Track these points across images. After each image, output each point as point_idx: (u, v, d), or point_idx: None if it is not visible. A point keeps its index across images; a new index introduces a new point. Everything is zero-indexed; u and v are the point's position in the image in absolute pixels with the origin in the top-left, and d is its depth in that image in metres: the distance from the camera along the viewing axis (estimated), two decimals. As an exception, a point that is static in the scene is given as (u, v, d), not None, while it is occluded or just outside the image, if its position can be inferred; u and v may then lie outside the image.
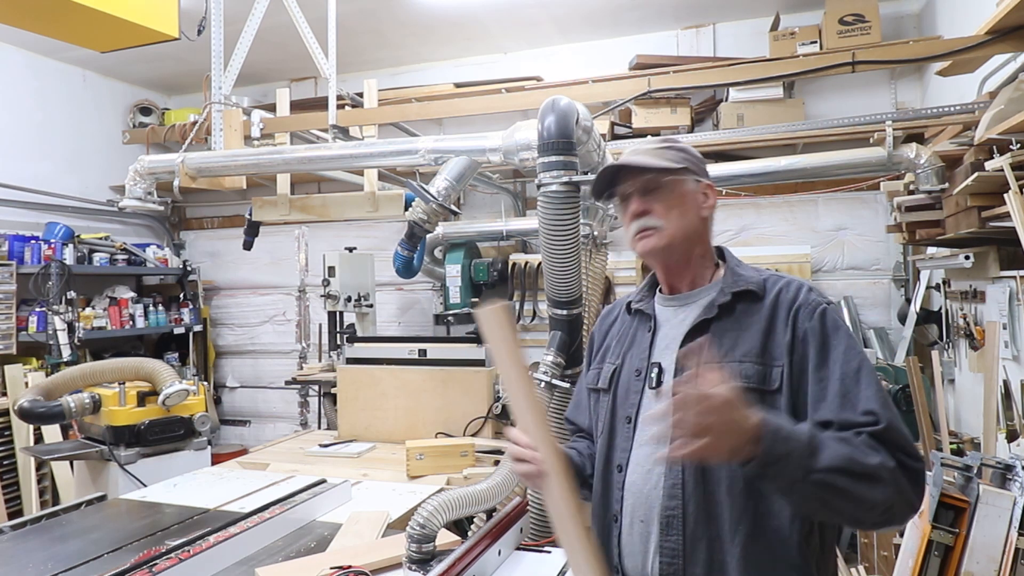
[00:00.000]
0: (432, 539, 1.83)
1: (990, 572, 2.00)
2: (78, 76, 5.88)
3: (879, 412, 1.14)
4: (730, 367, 1.23)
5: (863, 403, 1.15)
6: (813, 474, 1.05)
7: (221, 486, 2.72)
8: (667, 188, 1.33)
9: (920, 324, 4.24)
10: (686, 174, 1.34)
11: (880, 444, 1.12)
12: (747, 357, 1.25)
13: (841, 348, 1.21)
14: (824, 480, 1.06)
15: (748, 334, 1.27)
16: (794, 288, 1.30)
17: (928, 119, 3.72)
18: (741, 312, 1.30)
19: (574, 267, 2.61)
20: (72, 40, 2.26)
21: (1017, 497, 2.04)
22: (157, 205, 3.80)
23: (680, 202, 1.33)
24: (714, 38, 5.22)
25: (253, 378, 6.51)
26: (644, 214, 1.33)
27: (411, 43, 5.53)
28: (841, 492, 1.07)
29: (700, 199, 1.36)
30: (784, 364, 1.23)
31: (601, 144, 3.03)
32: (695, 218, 1.35)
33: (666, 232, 1.32)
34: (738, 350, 1.26)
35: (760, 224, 5.14)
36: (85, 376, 3.23)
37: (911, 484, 1.12)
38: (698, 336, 1.30)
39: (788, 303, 1.27)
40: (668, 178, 1.33)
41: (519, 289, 5.19)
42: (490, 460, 3.11)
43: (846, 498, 1.08)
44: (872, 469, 1.08)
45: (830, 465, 1.06)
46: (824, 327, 1.23)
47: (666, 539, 1.25)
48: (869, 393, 1.16)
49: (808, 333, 1.23)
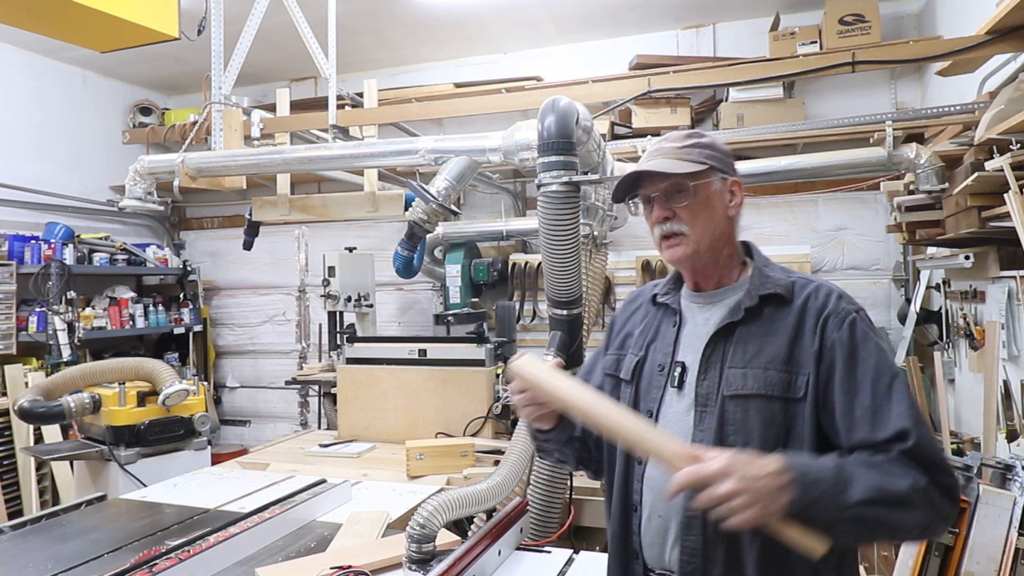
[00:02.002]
0: (432, 539, 1.83)
1: (990, 572, 2.00)
2: (78, 76, 5.88)
3: (911, 429, 1.12)
4: (754, 373, 1.22)
5: (895, 421, 1.13)
6: (847, 510, 1.05)
7: (221, 486, 2.73)
8: (692, 192, 1.29)
9: (920, 324, 4.24)
10: (711, 174, 1.30)
11: (911, 463, 1.10)
12: (772, 364, 1.22)
13: (872, 361, 1.19)
14: (859, 514, 1.06)
15: (774, 339, 1.24)
16: (823, 294, 1.26)
17: (928, 119, 3.72)
18: (768, 316, 1.27)
19: (574, 267, 2.61)
20: (72, 40, 2.26)
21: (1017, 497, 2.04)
22: (157, 205, 3.81)
23: (705, 205, 1.30)
24: (714, 38, 5.22)
25: (253, 378, 6.51)
26: (668, 219, 1.30)
27: (411, 43, 5.53)
28: (876, 522, 1.07)
29: (727, 198, 1.33)
30: (810, 373, 1.20)
31: (601, 144, 3.03)
32: (722, 219, 1.32)
33: (692, 238, 1.29)
34: (763, 356, 1.23)
35: (760, 224, 5.14)
36: (85, 376, 3.23)
37: (946, 500, 1.10)
38: (722, 339, 1.28)
39: (817, 310, 1.24)
40: (694, 182, 1.29)
41: (519, 289, 5.20)
42: (490, 460, 3.11)
43: (882, 526, 1.08)
44: (904, 495, 1.07)
45: (862, 498, 1.05)
46: (854, 338, 1.20)
47: (686, 538, 1.25)
48: (901, 410, 1.14)
49: (836, 343, 1.20)
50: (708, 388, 1.26)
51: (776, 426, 1.20)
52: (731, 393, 1.23)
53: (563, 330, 2.74)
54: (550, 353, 2.72)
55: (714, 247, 1.32)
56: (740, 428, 1.21)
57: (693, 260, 1.32)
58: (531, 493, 2.63)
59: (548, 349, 2.74)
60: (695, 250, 1.30)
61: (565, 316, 2.72)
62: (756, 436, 1.20)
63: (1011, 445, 2.65)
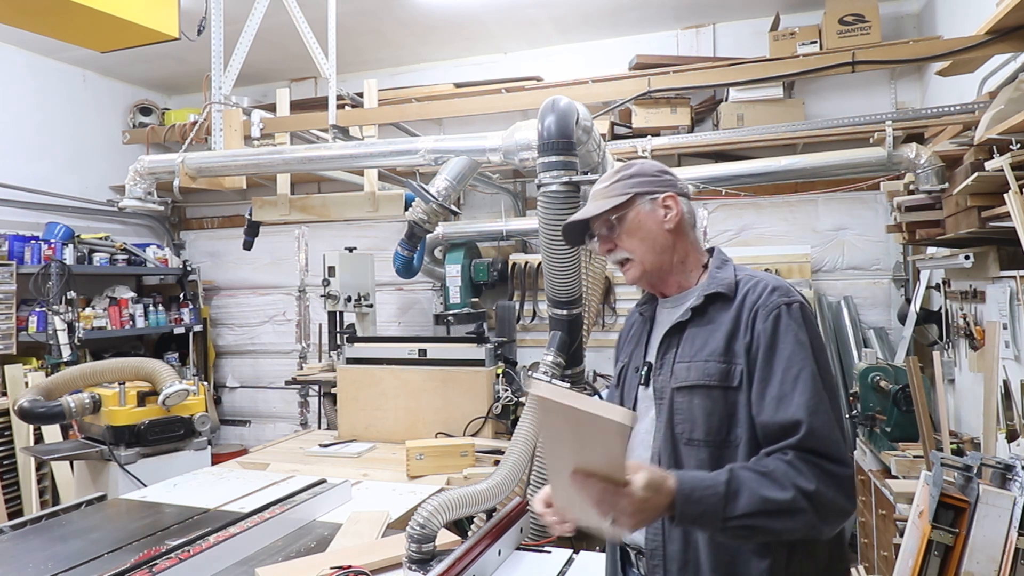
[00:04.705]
0: (432, 539, 1.83)
1: (990, 572, 2.00)
2: (78, 76, 5.88)
3: (803, 420, 1.22)
4: (696, 366, 1.34)
5: (793, 410, 1.23)
6: (730, 521, 1.16)
7: (221, 486, 2.73)
8: (622, 221, 1.44)
9: (920, 324, 4.24)
10: (636, 201, 1.43)
11: (805, 460, 1.20)
12: (712, 356, 1.33)
13: (786, 352, 1.28)
14: (742, 524, 1.17)
15: (716, 334, 1.35)
16: (759, 289, 1.36)
17: (928, 119, 3.72)
18: (713, 313, 1.38)
19: (574, 267, 2.61)
20: (72, 40, 2.26)
21: (1017, 497, 2.04)
22: (157, 205, 3.80)
23: (638, 229, 1.44)
24: (714, 38, 5.22)
25: (253, 378, 6.51)
26: (613, 250, 1.47)
27: (411, 43, 5.53)
28: (760, 529, 1.19)
29: (660, 214, 1.44)
30: (743, 363, 1.31)
31: (601, 144, 3.03)
32: (660, 235, 1.44)
33: (636, 260, 1.45)
34: (705, 350, 1.35)
35: (760, 224, 5.14)
36: (85, 376, 3.23)
37: (838, 493, 1.20)
38: (675, 336, 1.41)
39: (751, 304, 1.35)
40: (619, 214, 1.43)
41: (519, 289, 5.20)
42: (490, 460, 3.11)
43: (766, 533, 1.20)
44: (787, 504, 1.17)
45: (745, 511, 1.16)
46: (776, 329, 1.30)
47: None
48: (801, 400, 1.23)
49: (760, 335, 1.31)
50: (662, 382, 1.40)
51: (718, 413, 1.31)
52: (677, 385, 1.36)
53: (563, 330, 2.74)
54: (550, 353, 2.72)
55: (660, 261, 1.45)
56: (687, 417, 1.33)
57: (645, 277, 1.47)
58: (531, 493, 2.63)
59: (548, 349, 2.74)
60: (643, 269, 1.45)
61: (565, 316, 2.72)
62: (700, 423, 1.32)
63: (1011, 445, 2.65)
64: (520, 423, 2.65)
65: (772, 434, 1.25)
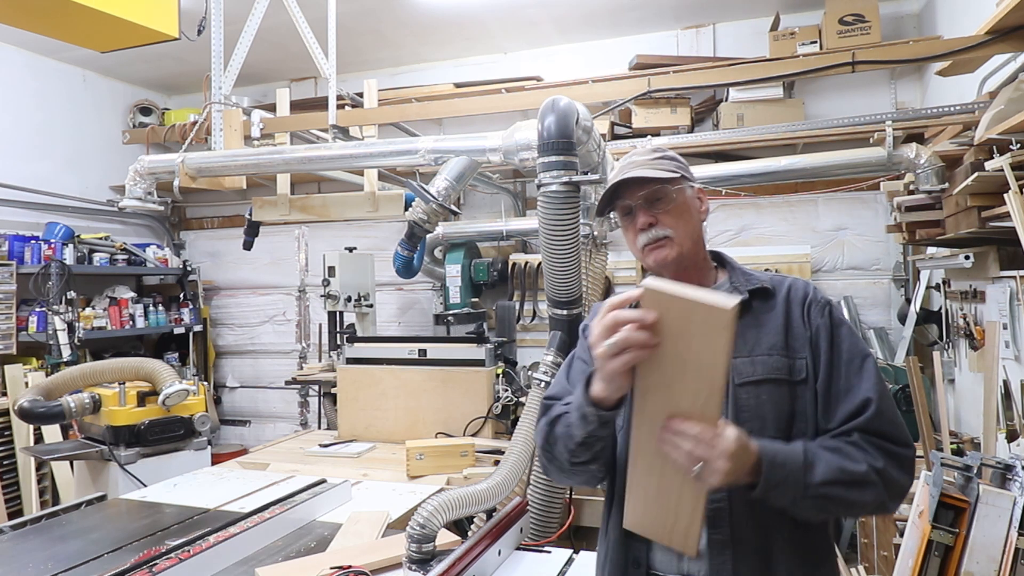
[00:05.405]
0: (432, 539, 1.83)
1: (990, 572, 2.00)
2: (78, 76, 5.88)
3: (873, 399, 1.24)
4: (759, 360, 1.30)
5: (863, 392, 1.25)
6: (810, 489, 1.16)
7: (221, 486, 2.73)
8: (671, 198, 1.35)
9: (920, 324, 4.24)
10: (684, 182, 1.38)
11: (869, 442, 1.21)
12: (773, 350, 1.30)
13: (846, 344, 1.31)
14: (820, 493, 1.16)
15: (768, 330, 1.32)
16: (801, 286, 1.38)
17: (928, 119, 3.72)
18: (756, 309, 1.35)
19: (574, 267, 2.61)
20: (72, 40, 2.26)
21: (1017, 497, 2.04)
22: (157, 205, 3.80)
23: (685, 210, 1.37)
24: (714, 38, 5.22)
25: (253, 378, 6.51)
26: (652, 225, 1.34)
27: (411, 43, 5.53)
28: (836, 500, 1.18)
29: (697, 204, 1.41)
30: (807, 356, 1.30)
31: (601, 144, 3.03)
32: (697, 223, 1.40)
33: (677, 241, 1.34)
34: (762, 344, 1.31)
35: (760, 224, 5.14)
36: (85, 376, 3.23)
37: (901, 472, 1.22)
38: None
39: (800, 300, 1.35)
40: (673, 188, 1.35)
41: (519, 289, 5.20)
42: (490, 460, 3.11)
43: (841, 504, 1.20)
44: (862, 475, 1.18)
45: (824, 479, 1.16)
46: (832, 323, 1.32)
47: (713, 533, 1.25)
48: (868, 385, 1.26)
49: (820, 328, 1.32)
50: None
51: (786, 409, 1.28)
52: (742, 381, 1.28)
53: (563, 330, 2.74)
54: (550, 353, 2.73)
55: (695, 249, 1.39)
56: (754, 414, 1.27)
57: (678, 263, 1.36)
58: (531, 493, 2.63)
59: (548, 349, 2.74)
60: (680, 251, 1.35)
61: (565, 316, 2.72)
62: (770, 420, 1.27)
63: (1011, 445, 2.65)
64: (520, 423, 2.66)
65: (841, 419, 1.25)
